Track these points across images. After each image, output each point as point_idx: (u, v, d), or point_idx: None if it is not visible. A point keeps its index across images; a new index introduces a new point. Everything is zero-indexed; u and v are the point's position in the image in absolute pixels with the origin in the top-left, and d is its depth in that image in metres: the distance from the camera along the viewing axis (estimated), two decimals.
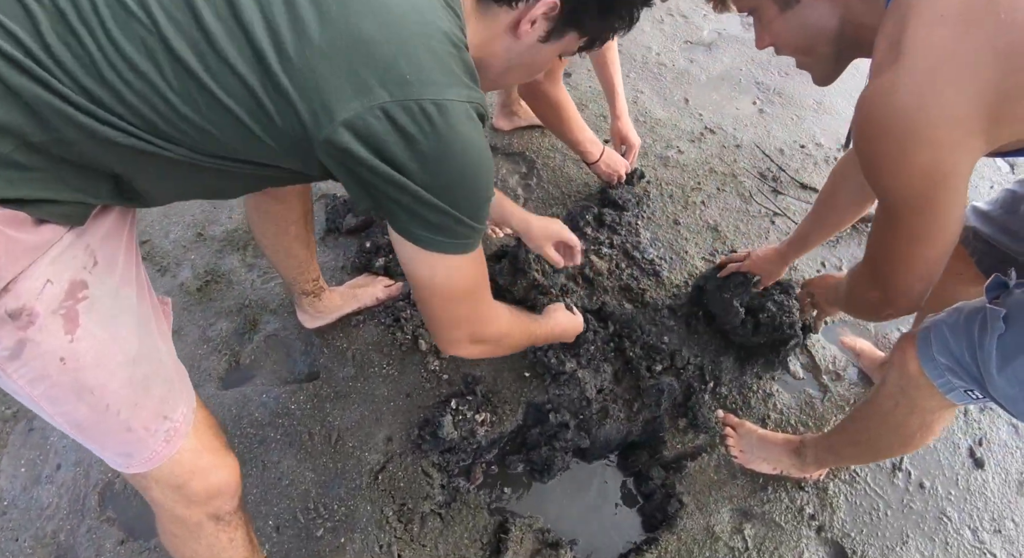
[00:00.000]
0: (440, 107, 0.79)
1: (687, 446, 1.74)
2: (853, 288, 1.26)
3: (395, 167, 0.81)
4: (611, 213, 2.10)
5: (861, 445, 1.42)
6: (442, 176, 0.84)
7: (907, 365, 1.19)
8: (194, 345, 1.87)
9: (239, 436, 1.70)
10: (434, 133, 0.80)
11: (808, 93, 2.85)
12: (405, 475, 1.66)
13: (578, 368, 1.73)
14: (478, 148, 0.86)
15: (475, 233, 0.94)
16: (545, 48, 1.02)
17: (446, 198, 0.86)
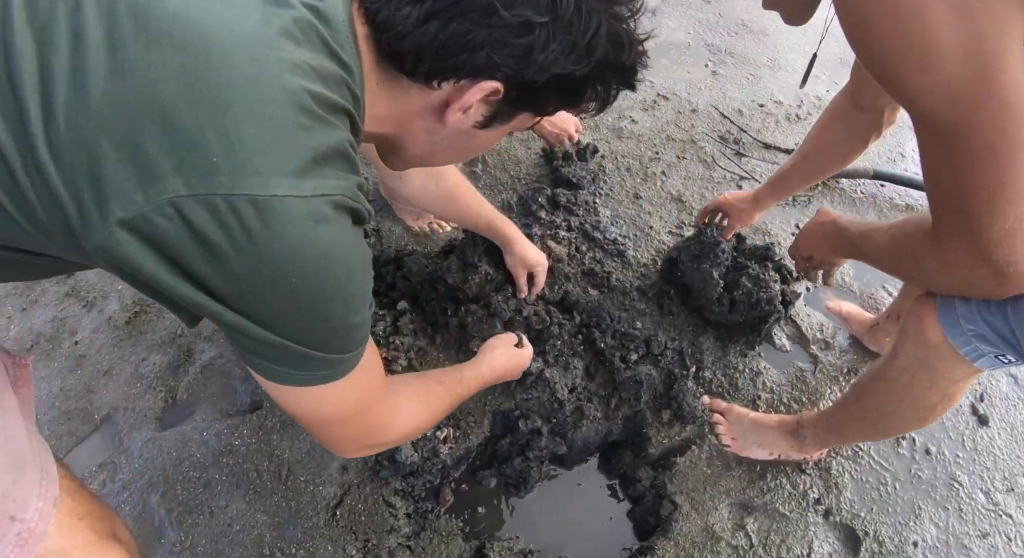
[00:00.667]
0: (260, 207, 0.53)
1: (674, 440, 1.55)
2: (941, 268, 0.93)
3: (197, 285, 0.57)
4: (565, 193, 1.90)
5: (870, 423, 1.24)
6: (266, 302, 0.59)
7: (926, 333, 1.01)
8: (127, 384, 1.65)
9: (181, 481, 1.49)
10: (249, 244, 0.54)
11: (761, 51, 2.68)
12: (365, 507, 1.46)
13: (545, 367, 1.53)
14: (328, 262, 0.60)
15: (341, 363, 0.71)
16: (485, 133, 0.80)
17: (277, 329, 0.62)
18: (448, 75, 0.68)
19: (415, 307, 1.65)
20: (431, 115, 0.75)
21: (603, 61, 0.71)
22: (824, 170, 1.49)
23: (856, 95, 1.35)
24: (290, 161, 0.55)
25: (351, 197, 0.61)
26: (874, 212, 2.09)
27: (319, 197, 0.57)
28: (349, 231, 0.63)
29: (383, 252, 1.74)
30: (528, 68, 0.67)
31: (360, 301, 0.67)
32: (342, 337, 0.68)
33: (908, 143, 2.35)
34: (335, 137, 0.61)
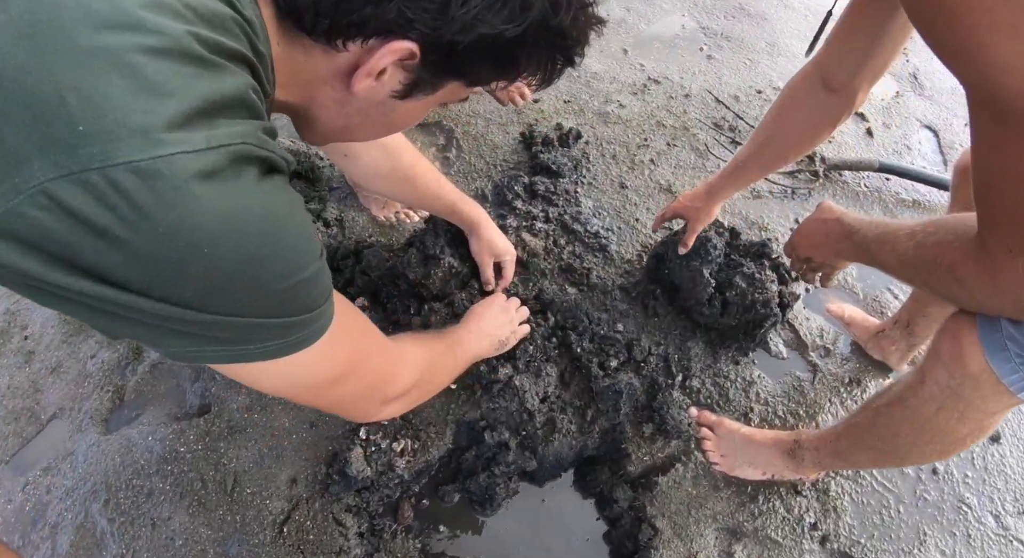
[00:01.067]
0: (144, 174, 0.43)
1: (656, 457, 1.35)
2: (991, 288, 0.76)
3: (98, 278, 0.46)
4: (544, 181, 1.69)
5: (883, 453, 1.05)
6: (186, 281, 0.48)
7: (964, 359, 0.82)
8: (75, 383, 1.52)
9: (124, 489, 1.35)
10: (142, 220, 0.44)
11: (759, 35, 2.46)
12: (314, 525, 1.30)
13: (515, 374, 1.33)
14: (241, 221, 0.48)
15: (308, 324, 0.60)
16: (407, 104, 0.66)
17: (212, 307, 0.51)
18: (352, 33, 0.56)
19: (375, 304, 1.46)
20: (340, 82, 0.62)
21: (541, 23, 0.59)
22: (786, 156, 1.28)
23: (828, 75, 1.14)
24: (172, 114, 0.44)
25: (255, 143, 0.50)
26: (879, 208, 1.88)
27: (214, 149, 0.46)
28: (260, 182, 0.50)
29: (342, 244, 1.54)
30: (447, 26, 0.55)
31: (301, 253, 0.55)
32: (293, 297, 0.56)
33: (914, 135, 2.14)
34: (231, 83, 0.49)
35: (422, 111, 0.71)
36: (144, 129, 0.43)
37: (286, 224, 0.53)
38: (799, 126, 1.20)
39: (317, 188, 1.65)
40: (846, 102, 1.14)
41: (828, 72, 1.13)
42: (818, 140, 1.22)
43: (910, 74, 2.36)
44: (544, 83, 0.68)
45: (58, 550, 1.28)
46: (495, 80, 0.66)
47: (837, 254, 1.16)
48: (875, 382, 1.50)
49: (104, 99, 0.42)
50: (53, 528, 1.31)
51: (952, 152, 2.09)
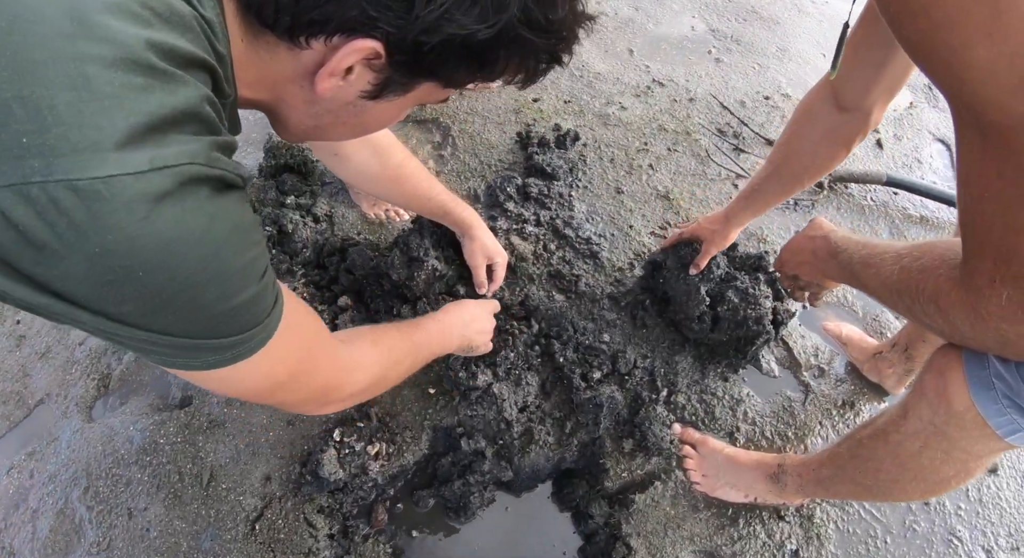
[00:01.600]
0: (82, 194, 0.41)
1: (635, 473, 1.26)
2: (972, 318, 0.68)
3: (37, 286, 0.45)
4: (538, 183, 1.59)
5: (864, 487, 0.96)
6: (121, 300, 0.47)
7: (948, 396, 0.73)
8: (62, 369, 1.48)
9: (104, 478, 1.31)
10: (79, 240, 0.42)
11: (770, 39, 2.33)
12: (286, 524, 1.25)
13: (494, 381, 1.25)
14: (179, 246, 0.46)
15: (244, 342, 0.57)
16: (379, 105, 0.62)
17: (147, 325, 0.49)
18: (315, 31, 0.53)
19: (358, 303, 1.38)
20: (307, 81, 0.58)
21: (520, 21, 0.54)
22: (802, 180, 1.18)
23: (840, 92, 1.04)
24: (118, 131, 0.42)
25: (203, 162, 0.47)
26: (885, 223, 1.75)
27: (158, 170, 0.44)
28: (205, 204, 0.47)
29: (329, 240, 1.46)
30: (412, 25, 0.52)
31: (240, 278, 0.53)
32: (230, 319, 0.55)
33: (925, 148, 2.00)
34: (184, 96, 0.46)
35: (397, 112, 0.66)
36: (87, 146, 0.41)
37: (225, 250, 0.50)
38: (812, 148, 1.11)
39: (309, 182, 1.57)
40: (860, 121, 1.04)
41: (840, 89, 1.02)
42: (833, 162, 1.12)
43: (925, 85, 2.22)
44: (527, 82, 0.63)
45: (38, 534, 1.25)
46: (472, 81, 0.61)
47: (823, 273, 1.08)
48: (869, 406, 1.39)
49: (50, 112, 0.40)
50: (34, 512, 1.28)
51: None
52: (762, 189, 1.23)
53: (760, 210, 1.28)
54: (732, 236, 1.32)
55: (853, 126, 1.07)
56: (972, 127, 0.56)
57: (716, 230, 1.31)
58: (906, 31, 0.57)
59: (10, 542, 1.24)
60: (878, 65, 0.97)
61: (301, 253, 1.43)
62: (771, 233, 1.67)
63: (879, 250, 0.88)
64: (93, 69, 0.41)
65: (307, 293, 1.40)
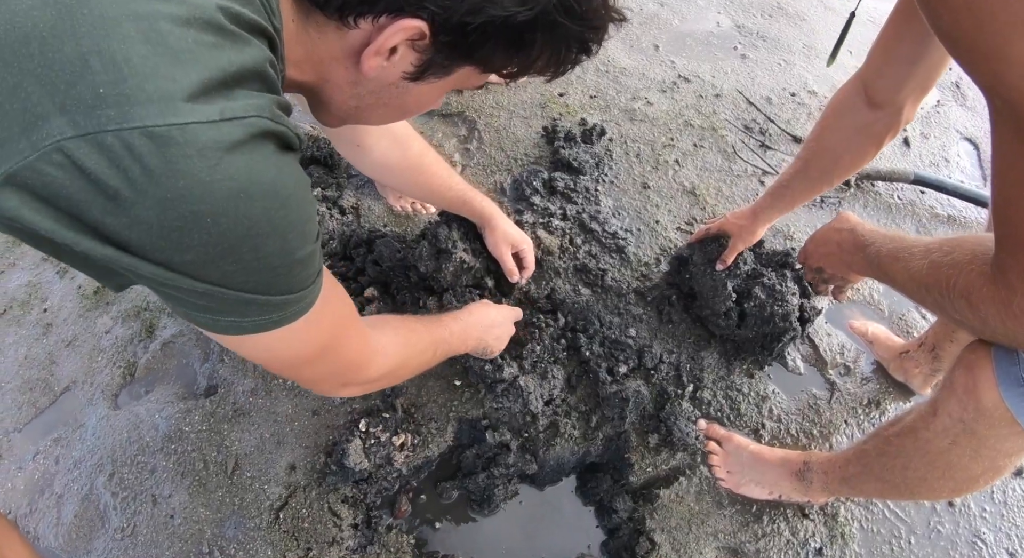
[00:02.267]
0: (158, 140, 0.43)
1: (660, 468, 1.27)
2: (1004, 315, 0.69)
3: (103, 238, 0.46)
4: (564, 177, 1.61)
5: (892, 485, 0.96)
6: (186, 248, 0.48)
7: (978, 393, 0.74)
8: (88, 357, 1.50)
9: (129, 465, 1.33)
10: (152, 185, 0.44)
11: (796, 36, 2.32)
12: (310, 513, 1.27)
13: (520, 374, 1.26)
14: (248, 195, 0.48)
15: (292, 303, 0.60)
16: (419, 87, 0.65)
17: (206, 276, 0.51)
18: (363, 10, 0.55)
19: (384, 295, 1.40)
20: (352, 61, 0.61)
21: (556, 6, 0.57)
22: (831, 177, 1.18)
23: (871, 88, 1.04)
24: (191, 83, 0.44)
25: (269, 117, 0.49)
26: (912, 222, 1.75)
27: (229, 121, 0.46)
28: (272, 157, 0.50)
29: (356, 232, 1.48)
30: (458, 5, 0.54)
31: (299, 234, 0.55)
32: (285, 276, 0.57)
33: (953, 146, 2.00)
34: (251, 55, 0.49)
35: (436, 95, 0.68)
36: (162, 96, 0.43)
37: (290, 204, 0.52)
38: (842, 145, 1.11)
39: (335, 174, 1.60)
40: (891, 118, 1.04)
41: (871, 85, 1.02)
42: (863, 160, 1.13)
43: (952, 83, 2.21)
44: (557, 73, 0.65)
45: (62, 519, 1.27)
46: (508, 65, 0.63)
47: (848, 266, 1.07)
48: (895, 405, 1.40)
49: (126, 64, 0.42)
50: (59, 498, 1.30)
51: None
52: (791, 186, 1.24)
53: (788, 207, 1.29)
54: (759, 233, 1.33)
55: (884, 123, 1.08)
56: (1009, 122, 0.57)
57: (743, 226, 1.31)
58: (946, 25, 0.57)
59: (35, 527, 1.26)
60: (910, 61, 0.98)
61: (328, 244, 1.45)
62: (798, 230, 1.68)
63: (907, 244, 0.88)
64: (167, 26, 0.44)
65: None
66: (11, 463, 1.35)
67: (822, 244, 1.14)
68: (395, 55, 0.58)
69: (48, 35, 0.42)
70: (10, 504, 1.30)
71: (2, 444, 1.37)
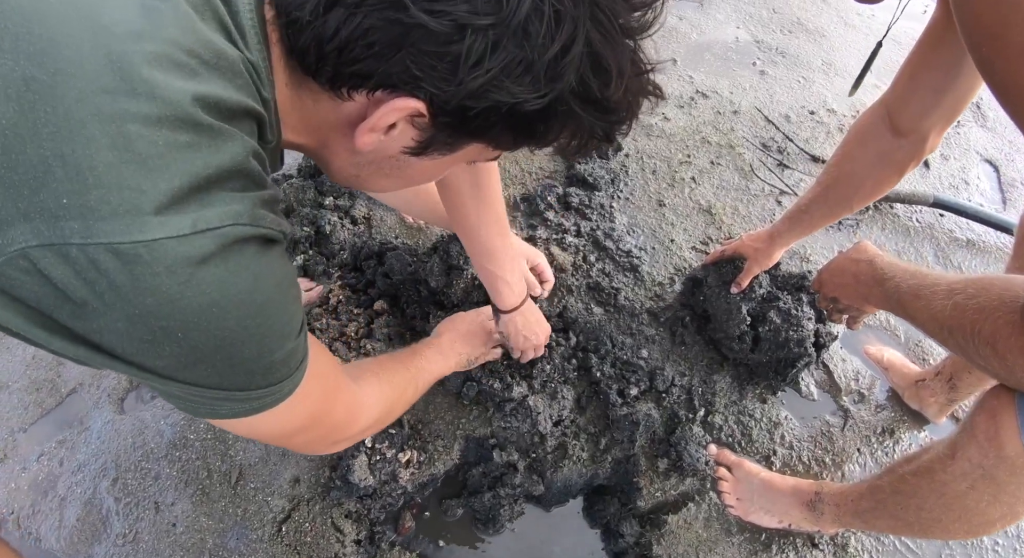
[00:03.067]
0: (124, 258, 0.41)
1: (668, 494, 1.26)
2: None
3: (76, 339, 0.46)
4: (579, 193, 1.60)
5: (905, 523, 0.95)
6: (158, 356, 0.47)
7: (1000, 440, 0.73)
8: None
9: (133, 470, 1.33)
10: (119, 301, 0.43)
11: (815, 53, 2.31)
12: (312, 527, 1.26)
13: (530, 393, 1.25)
14: (221, 309, 0.47)
15: (272, 394, 0.58)
16: (422, 162, 0.60)
17: (182, 378, 0.50)
18: (356, 83, 0.51)
19: (394, 308, 1.39)
20: (349, 131, 0.56)
21: (574, 93, 0.51)
22: (851, 204, 1.17)
23: (895, 115, 1.02)
24: (160, 193, 0.41)
25: (248, 221, 0.47)
26: (930, 245, 1.73)
27: (201, 233, 0.43)
28: (249, 264, 0.48)
29: (367, 244, 1.47)
30: (457, 89, 0.49)
31: (278, 337, 0.54)
32: (263, 374, 0.55)
33: (973, 169, 1.98)
34: (229, 152, 0.46)
35: (442, 169, 0.64)
36: (128, 209, 0.40)
37: (267, 310, 0.50)
38: (864, 172, 1.09)
39: None
40: (915, 147, 1.03)
41: (895, 112, 1.01)
42: (884, 188, 1.11)
43: (973, 104, 2.19)
44: (580, 153, 0.60)
45: (65, 522, 1.27)
46: (520, 147, 0.59)
47: (865, 299, 1.05)
48: (910, 434, 1.38)
49: (90, 172, 0.40)
50: (62, 501, 1.30)
51: (1013, 190, 1.93)
52: (809, 210, 1.22)
53: (806, 232, 1.27)
54: (776, 256, 1.32)
55: (908, 151, 1.06)
56: None
57: (760, 248, 1.30)
58: (984, 48, 0.56)
59: (37, 528, 1.26)
60: (938, 90, 0.96)
61: (338, 255, 1.45)
62: (814, 253, 1.66)
63: (929, 281, 0.86)
64: (135, 128, 0.41)
65: (343, 296, 1.41)
66: (15, 463, 1.35)
67: (838, 274, 1.12)
68: (394, 130, 0.54)
69: (10, 134, 0.39)
70: (13, 504, 1.30)
71: (7, 444, 1.37)
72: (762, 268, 1.32)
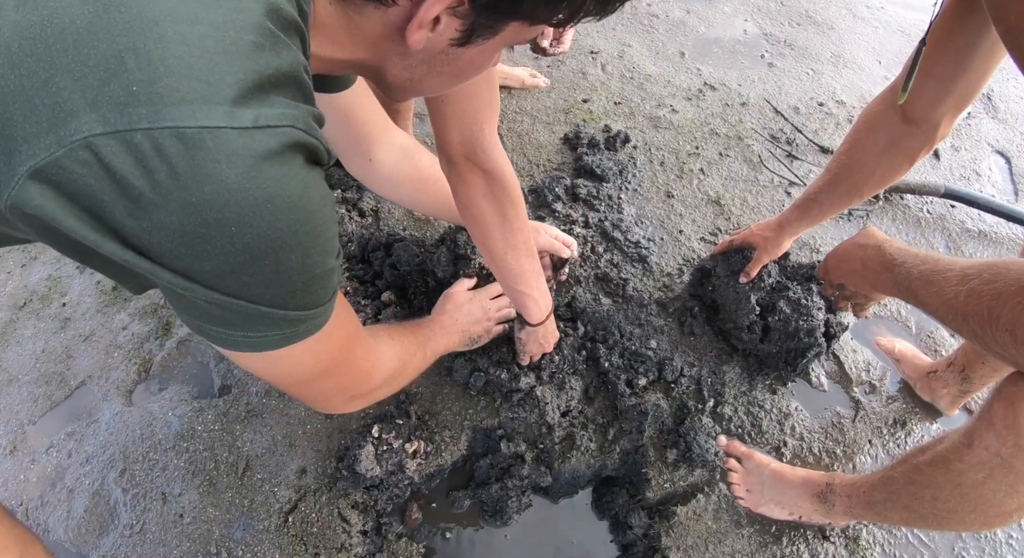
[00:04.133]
0: (187, 142, 0.41)
1: (677, 485, 1.24)
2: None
3: (124, 241, 0.45)
4: (587, 184, 1.58)
5: (919, 515, 0.92)
6: (206, 257, 0.46)
7: (1019, 429, 0.72)
8: (105, 352, 1.51)
9: (140, 462, 1.33)
10: (177, 188, 0.42)
11: (824, 45, 2.28)
12: (319, 518, 1.25)
13: (537, 384, 1.24)
14: (274, 206, 0.47)
15: (307, 320, 0.59)
16: (469, 52, 0.61)
17: (224, 287, 0.50)
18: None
19: (401, 300, 1.38)
20: (398, 35, 0.58)
21: None
22: (861, 192, 1.14)
23: (907, 104, 0.99)
24: (227, 86, 0.42)
25: (304, 128, 0.47)
26: (941, 236, 1.71)
27: (262, 129, 0.44)
28: (301, 170, 0.48)
29: (375, 235, 1.46)
30: None
31: (321, 250, 0.54)
32: (303, 291, 0.55)
33: (984, 160, 1.95)
34: (288, 59, 0.47)
35: (488, 56, 0.64)
36: (196, 97, 0.41)
37: (315, 218, 0.50)
38: (874, 160, 1.07)
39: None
40: (926, 135, 1.00)
41: (906, 100, 0.98)
42: (895, 176, 1.09)
43: (984, 95, 2.16)
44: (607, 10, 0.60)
45: (73, 513, 1.27)
46: (556, 14, 0.59)
47: (873, 286, 1.02)
48: (922, 426, 1.35)
49: (161, 63, 0.40)
50: (70, 492, 1.30)
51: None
52: (818, 199, 1.20)
53: (815, 221, 1.25)
54: (785, 245, 1.30)
55: (918, 139, 1.04)
56: None
57: (768, 238, 1.28)
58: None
59: (45, 519, 1.26)
60: (949, 77, 0.94)
61: (346, 247, 1.44)
62: (824, 243, 1.64)
63: (941, 267, 0.83)
64: (205, 28, 0.42)
65: (351, 287, 1.40)
66: (25, 455, 1.35)
67: (845, 260, 1.09)
68: (439, 25, 0.56)
69: (84, 31, 0.41)
70: (22, 496, 1.30)
71: (17, 436, 1.37)
72: (771, 257, 1.30)
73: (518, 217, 1.09)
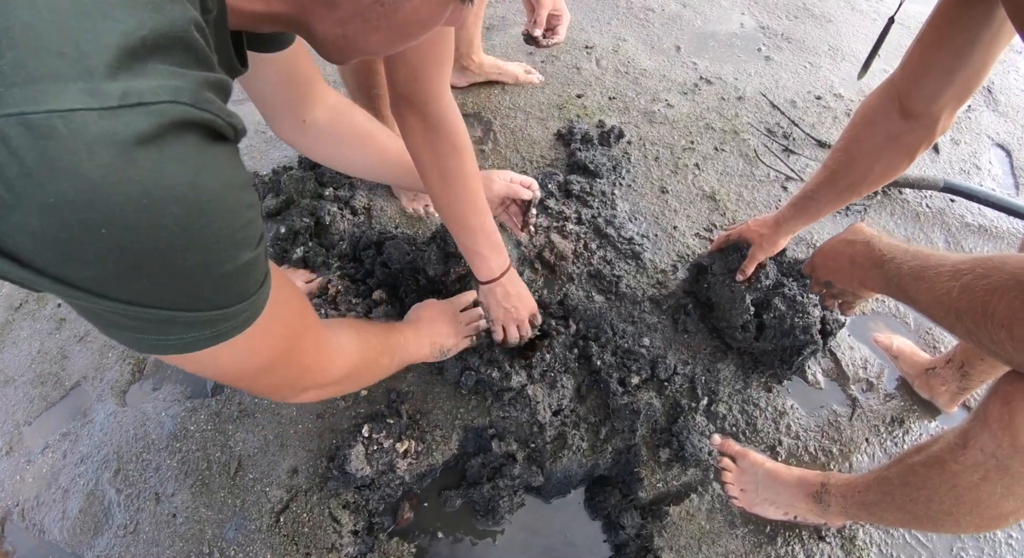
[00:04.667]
0: (35, 130, 0.33)
1: (670, 484, 1.22)
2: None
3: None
4: (580, 180, 1.55)
5: (914, 516, 0.90)
6: (83, 262, 0.39)
7: (1015, 429, 0.69)
8: (99, 353, 1.50)
9: (134, 462, 1.32)
10: (30, 186, 0.34)
11: (822, 38, 2.24)
12: (310, 518, 1.24)
13: (529, 383, 1.21)
14: (154, 202, 0.38)
15: (229, 318, 0.51)
16: (409, 2, 0.53)
17: (114, 293, 0.42)
18: None
19: (392, 298, 1.36)
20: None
21: None
22: (860, 188, 1.11)
23: (905, 97, 0.96)
24: (87, 57, 0.34)
25: (189, 101, 0.38)
26: (941, 231, 1.67)
27: (132, 107, 0.35)
28: (191, 154, 0.39)
29: (366, 233, 1.44)
30: None
31: (228, 245, 0.45)
32: (215, 290, 0.47)
33: (984, 153, 1.90)
34: (172, 15, 0.38)
35: (432, 9, 0.55)
36: (46, 74, 0.33)
37: (213, 209, 0.42)
38: (873, 155, 1.04)
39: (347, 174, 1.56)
40: (926, 129, 0.97)
41: (905, 94, 0.95)
42: (894, 172, 1.05)
43: (984, 89, 2.11)
44: None
45: (68, 513, 1.26)
46: None
47: (861, 283, 0.98)
48: (920, 424, 1.32)
49: (4, 34, 0.33)
50: (65, 492, 1.29)
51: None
52: (816, 196, 1.17)
53: (813, 218, 1.22)
54: (781, 243, 1.27)
55: (918, 134, 1.00)
56: None
57: (765, 234, 1.25)
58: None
59: (41, 519, 1.25)
60: (949, 70, 0.90)
61: (338, 245, 1.42)
62: (821, 238, 1.60)
63: (932, 262, 0.80)
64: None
65: (342, 286, 1.38)
66: (20, 456, 1.34)
67: (832, 257, 1.06)
68: None
69: None
70: (18, 496, 1.29)
71: (13, 437, 1.36)
72: (767, 255, 1.27)
73: (461, 170, 1.02)
